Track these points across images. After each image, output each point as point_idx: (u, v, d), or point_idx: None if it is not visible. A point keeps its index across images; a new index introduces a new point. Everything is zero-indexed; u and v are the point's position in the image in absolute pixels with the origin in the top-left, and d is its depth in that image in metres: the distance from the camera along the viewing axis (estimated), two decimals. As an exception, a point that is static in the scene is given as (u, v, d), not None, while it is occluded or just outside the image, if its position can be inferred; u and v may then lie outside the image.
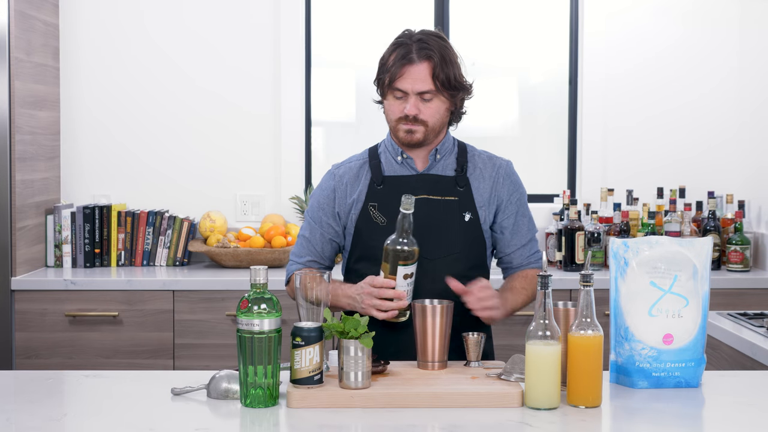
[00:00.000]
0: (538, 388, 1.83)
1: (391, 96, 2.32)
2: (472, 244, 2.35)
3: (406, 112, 2.28)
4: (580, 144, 4.24)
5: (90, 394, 1.98)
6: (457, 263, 2.31)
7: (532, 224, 2.46)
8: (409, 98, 2.28)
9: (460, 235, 2.33)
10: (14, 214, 3.57)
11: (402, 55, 2.28)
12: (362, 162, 2.42)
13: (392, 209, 2.29)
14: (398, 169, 2.38)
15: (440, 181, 2.36)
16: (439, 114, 2.32)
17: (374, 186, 2.36)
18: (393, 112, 2.32)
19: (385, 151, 2.41)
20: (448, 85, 2.30)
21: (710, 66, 4.22)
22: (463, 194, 2.36)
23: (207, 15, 4.14)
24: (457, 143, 2.44)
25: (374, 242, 2.29)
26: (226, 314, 3.56)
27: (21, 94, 3.62)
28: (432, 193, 2.34)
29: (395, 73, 2.28)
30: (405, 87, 2.28)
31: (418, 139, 2.32)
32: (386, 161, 2.40)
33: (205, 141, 4.16)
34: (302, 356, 1.85)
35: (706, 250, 2.05)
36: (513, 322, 3.57)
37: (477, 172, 2.39)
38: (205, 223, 3.98)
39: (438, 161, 2.39)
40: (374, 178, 2.37)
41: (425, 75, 2.27)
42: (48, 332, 3.56)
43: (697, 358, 2.02)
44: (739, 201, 3.96)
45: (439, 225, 2.32)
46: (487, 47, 4.38)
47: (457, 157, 2.40)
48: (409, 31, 2.35)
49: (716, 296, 3.27)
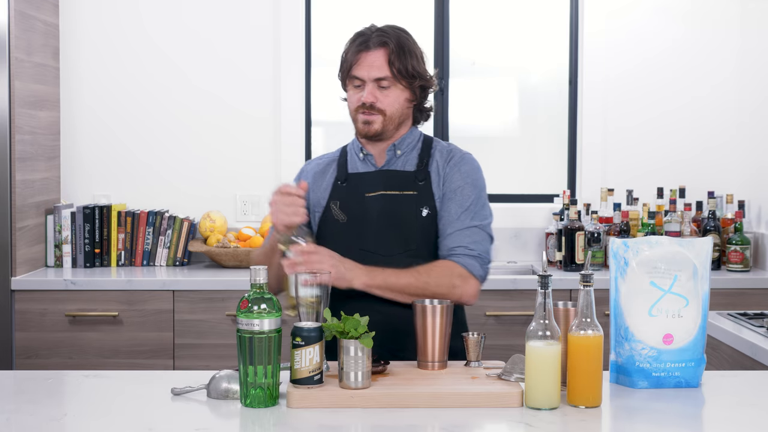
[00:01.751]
0: (538, 388, 1.83)
1: (350, 86, 2.31)
2: (429, 239, 2.30)
3: (363, 100, 2.27)
4: (580, 144, 4.25)
5: (90, 394, 1.98)
6: (414, 260, 2.25)
7: (468, 215, 2.28)
8: (366, 86, 2.27)
9: (417, 230, 2.29)
10: (14, 214, 3.57)
11: (359, 43, 2.29)
12: (331, 160, 2.43)
13: (353, 207, 2.29)
14: (360, 166, 2.38)
15: (398, 176, 2.33)
16: (398, 103, 2.30)
17: (337, 183, 2.36)
18: (352, 102, 2.31)
19: (351, 148, 2.42)
20: (405, 72, 2.27)
21: (710, 66, 4.22)
22: (422, 188, 2.32)
23: (207, 15, 4.15)
24: (422, 139, 2.39)
25: (334, 238, 2.28)
26: (226, 314, 3.56)
27: (21, 94, 3.62)
28: (389, 189, 2.31)
29: (352, 61, 2.28)
30: (361, 74, 2.27)
31: (376, 129, 2.29)
32: (351, 159, 2.40)
33: (205, 141, 4.16)
34: (302, 356, 1.85)
35: (706, 250, 2.05)
36: (513, 322, 3.57)
37: (434, 165, 2.35)
38: (205, 223, 3.98)
39: (399, 157, 2.35)
40: (338, 176, 2.37)
41: (381, 62, 2.26)
42: (48, 332, 3.56)
43: (697, 358, 2.02)
44: (739, 201, 3.96)
45: (395, 221, 2.29)
46: (487, 47, 4.38)
47: (419, 153, 2.36)
48: (371, 25, 2.36)
49: (716, 296, 3.27)
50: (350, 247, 2.26)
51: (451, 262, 2.25)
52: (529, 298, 3.58)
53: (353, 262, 2.18)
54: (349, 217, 2.30)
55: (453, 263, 2.25)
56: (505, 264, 4.08)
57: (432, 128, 4.27)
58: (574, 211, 3.85)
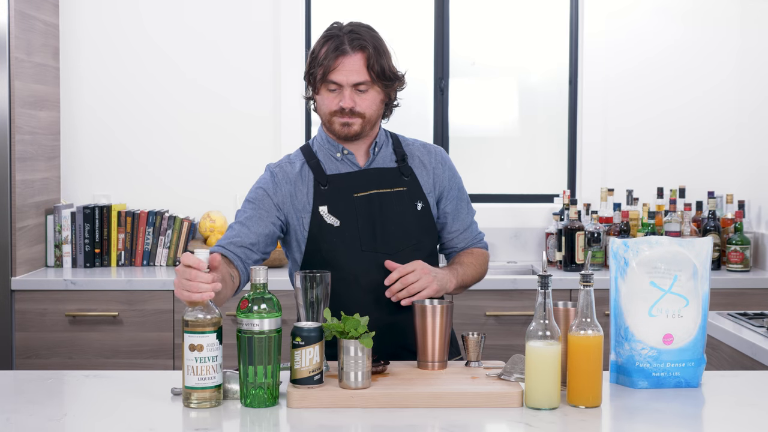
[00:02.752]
0: (538, 388, 1.83)
1: (324, 89, 2.27)
2: (427, 232, 2.34)
3: (342, 105, 2.24)
4: (580, 144, 4.25)
5: (90, 394, 1.98)
6: (415, 254, 2.28)
7: (470, 207, 2.46)
8: (344, 90, 2.24)
9: (415, 224, 2.32)
10: (14, 214, 3.57)
11: (335, 47, 2.24)
12: (301, 163, 2.34)
13: (342, 209, 2.27)
14: (339, 167, 2.33)
15: (385, 173, 2.33)
16: (375, 105, 2.29)
17: (319, 187, 2.30)
18: (327, 106, 2.27)
19: (321, 148, 2.35)
20: (383, 75, 2.26)
21: (710, 66, 4.22)
22: (409, 183, 2.34)
23: (207, 15, 4.15)
24: (389, 134, 2.41)
25: (331, 245, 2.26)
26: (226, 314, 3.56)
27: (21, 94, 3.62)
28: (381, 187, 2.31)
29: (329, 66, 2.23)
30: (339, 79, 2.24)
31: (356, 131, 2.28)
32: (325, 159, 2.34)
33: (205, 141, 4.16)
34: (302, 356, 1.85)
35: (706, 250, 2.05)
36: (513, 322, 3.57)
37: (416, 161, 2.37)
38: (205, 223, 3.98)
39: (378, 154, 2.35)
40: (318, 179, 2.31)
41: (360, 66, 2.24)
42: (48, 332, 3.56)
43: (697, 358, 2.02)
44: (739, 201, 3.96)
45: (394, 217, 2.29)
46: (487, 47, 4.38)
47: (394, 148, 2.37)
48: (338, 24, 2.32)
49: (716, 296, 3.27)
50: (351, 250, 2.26)
51: (480, 249, 2.47)
52: (529, 298, 3.59)
53: (437, 269, 2.26)
54: (342, 221, 2.28)
55: (483, 250, 2.48)
56: (505, 264, 4.08)
57: (432, 128, 4.27)
58: (574, 211, 3.85)
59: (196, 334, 1.84)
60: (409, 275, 2.18)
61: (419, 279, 2.18)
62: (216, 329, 1.86)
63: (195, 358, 1.83)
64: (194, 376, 1.83)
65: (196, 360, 1.83)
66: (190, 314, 1.86)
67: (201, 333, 1.84)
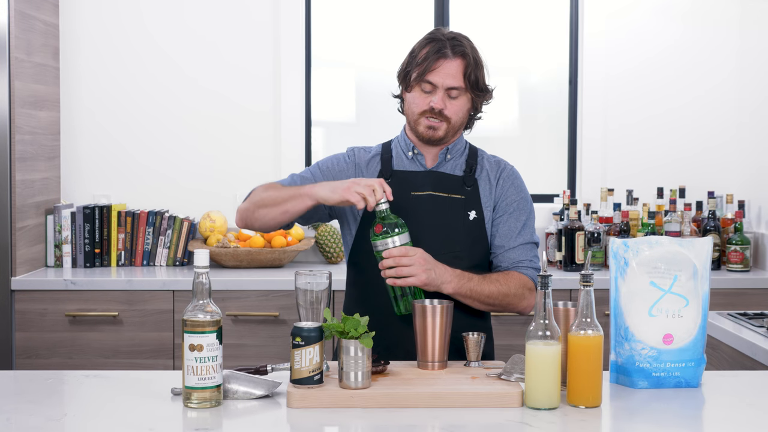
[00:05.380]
0: (538, 388, 1.83)
1: (417, 89, 2.31)
2: (475, 243, 2.34)
3: (433, 105, 2.29)
4: (580, 144, 4.25)
5: (90, 394, 1.98)
6: (458, 261, 2.28)
7: (528, 231, 2.38)
8: (438, 92, 2.29)
9: (463, 233, 2.33)
10: (14, 214, 3.57)
11: (437, 49, 2.29)
12: (375, 154, 2.43)
13: (396, 204, 2.28)
14: (407, 165, 2.39)
15: (447, 178, 2.37)
16: (462, 113, 2.33)
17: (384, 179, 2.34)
18: (418, 105, 2.32)
19: (397, 146, 2.43)
20: (476, 86, 2.32)
21: (710, 66, 4.22)
22: (470, 193, 2.36)
23: (207, 14, 4.15)
24: (468, 146, 2.44)
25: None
26: (227, 314, 3.56)
27: (21, 94, 3.62)
28: (437, 190, 2.35)
29: (428, 66, 2.28)
30: (436, 81, 2.28)
31: (440, 136, 2.33)
32: (397, 156, 2.41)
33: (205, 141, 4.16)
34: (302, 356, 1.85)
35: (706, 250, 2.05)
36: (513, 321, 3.57)
37: (484, 174, 2.40)
38: (205, 223, 3.98)
39: (448, 161, 2.39)
40: (383, 171, 2.38)
41: (457, 71, 2.29)
42: (48, 332, 3.56)
43: (697, 358, 2.02)
44: (739, 201, 3.96)
45: (442, 222, 2.32)
46: (487, 47, 4.35)
47: (467, 159, 2.40)
48: (440, 29, 2.37)
49: (716, 296, 3.28)
50: None
51: (520, 273, 2.34)
52: (529, 298, 3.58)
53: (443, 267, 2.22)
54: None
55: (523, 275, 2.34)
56: (505, 264, 4.07)
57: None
58: (574, 211, 3.85)
59: (196, 334, 1.84)
60: (405, 258, 2.16)
61: (411, 265, 2.16)
62: (216, 329, 1.86)
63: (195, 358, 1.84)
64: (194, 376, 1.84)
65: (196, 360, 1.83)
66: (190, 314, 1.87)
67: (201, 333, 1.84)
